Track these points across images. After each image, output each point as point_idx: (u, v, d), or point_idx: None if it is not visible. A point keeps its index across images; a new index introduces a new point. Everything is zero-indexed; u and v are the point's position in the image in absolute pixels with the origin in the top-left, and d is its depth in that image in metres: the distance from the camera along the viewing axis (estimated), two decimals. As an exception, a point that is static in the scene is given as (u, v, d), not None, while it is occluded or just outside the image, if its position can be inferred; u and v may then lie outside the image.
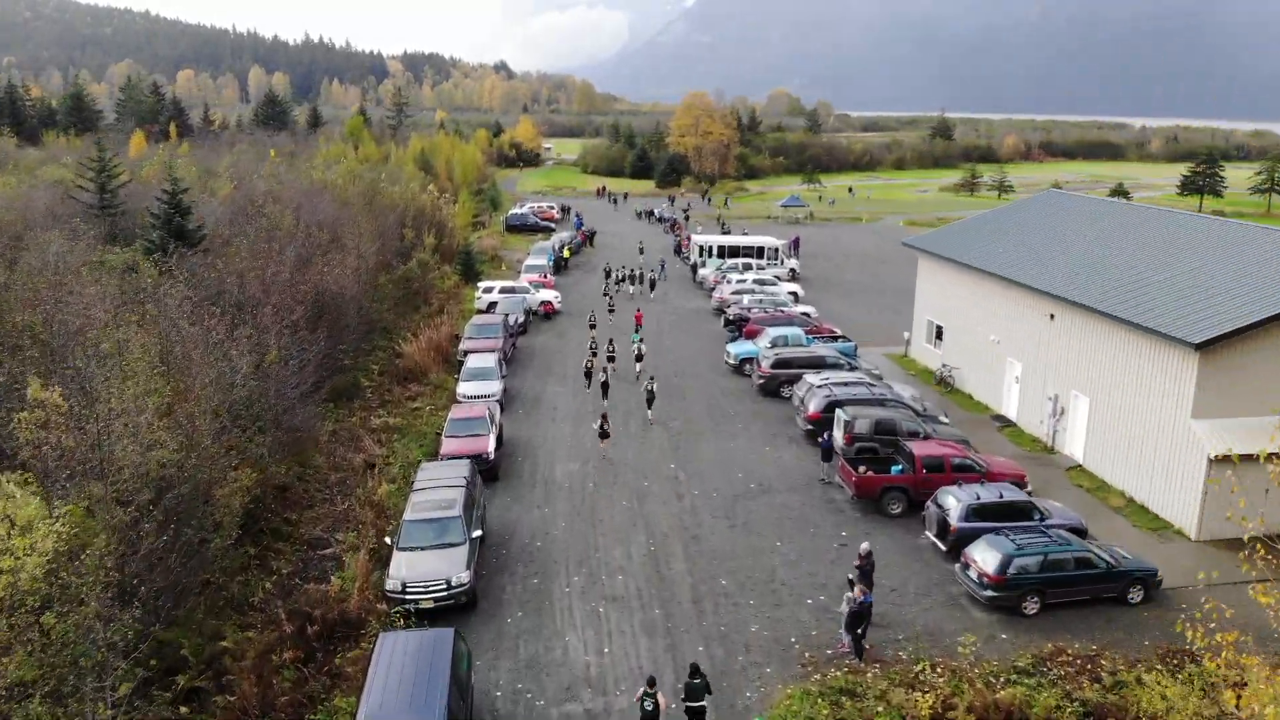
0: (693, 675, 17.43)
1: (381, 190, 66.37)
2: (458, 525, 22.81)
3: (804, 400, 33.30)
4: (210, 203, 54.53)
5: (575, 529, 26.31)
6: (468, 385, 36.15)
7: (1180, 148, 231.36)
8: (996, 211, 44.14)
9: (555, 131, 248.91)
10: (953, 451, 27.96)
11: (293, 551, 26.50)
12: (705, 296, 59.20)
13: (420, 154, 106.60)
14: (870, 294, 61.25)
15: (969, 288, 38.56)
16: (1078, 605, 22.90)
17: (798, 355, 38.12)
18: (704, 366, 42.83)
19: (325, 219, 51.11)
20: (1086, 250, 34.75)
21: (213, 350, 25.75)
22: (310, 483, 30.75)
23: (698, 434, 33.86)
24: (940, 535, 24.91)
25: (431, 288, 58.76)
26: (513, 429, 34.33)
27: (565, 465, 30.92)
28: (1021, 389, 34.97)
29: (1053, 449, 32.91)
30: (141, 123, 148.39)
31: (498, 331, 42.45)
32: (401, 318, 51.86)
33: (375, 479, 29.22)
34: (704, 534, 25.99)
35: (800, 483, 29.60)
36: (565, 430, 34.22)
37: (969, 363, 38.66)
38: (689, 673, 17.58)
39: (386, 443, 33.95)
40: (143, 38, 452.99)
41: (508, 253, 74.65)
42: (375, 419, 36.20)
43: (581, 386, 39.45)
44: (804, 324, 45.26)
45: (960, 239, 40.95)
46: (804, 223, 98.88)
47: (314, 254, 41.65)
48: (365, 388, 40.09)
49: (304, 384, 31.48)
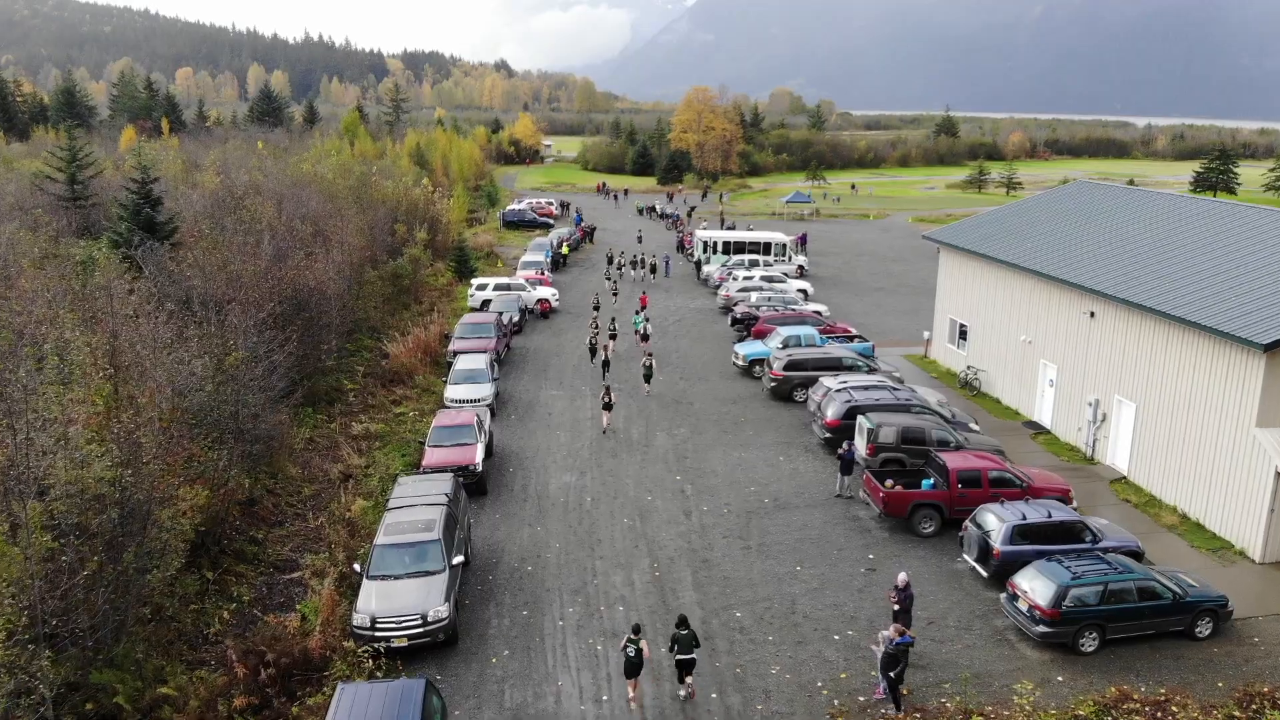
0: (680, 626, 17.45)
1: (373, 184, 63.61)
2: (436, 550, 20.05)
3: (821, 406, 30.52)
4: (189, 195, 51.81)
5: (571, 551, 23.54)
6: (456, 389, 33.41)
7: (1186, 145, 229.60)
8: (1022, 203, 41.36)
9: (556, 130, 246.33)
10: (990, 464, 25.18)
11: (257, 575, 23.81)
12: (709, 294, 56.47)
13: (415, 149, 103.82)
14: (884, 292, 58.46)
15: (997, 284, 35.79)
16: (1140, 641, 20.15)
17: (812, 357, 35.35)
18: (710, 368, 40.07)
19: (310, 213, 48.37)
20: (1129, 242, 31.96)
21: (163, 352, 22.97)
22: (281, 496, 28.06)
23: (705, 443, 31.09)
24: (981, 559, 22.14)
25: (423, 285, 56.04)
26: (504, 437, 31.58)
27: (561, 477, 28.16)
28: (1057, 393, 32.20)
29: (1093, 459, 30.14)
30: (134, 118, 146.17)
31: (490, 331, 39.70)
32: (391, 316, 49.17)
33: (349, 493, 26.47)
34: (715, 557, 23.22)
35: (819, 498, 26.81)
36: (561, 439, 31.46)
37: (997, 365, 35.89)
38: (676, 624, 17.65)
39: (367, 451, 31.26)
40: (141, 36, 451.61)
41: (504, 249, 71.94)
42: (357, 425, 33.48)
43: (578, 393, 36.73)
44: (817, 323, 42.50)
45: (985, 232, 38.17)
46: (809, 219, 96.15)
47: (293, 248, 38.89)
48: (348, 391, 37.38)
49: (274, 388, 28.77)
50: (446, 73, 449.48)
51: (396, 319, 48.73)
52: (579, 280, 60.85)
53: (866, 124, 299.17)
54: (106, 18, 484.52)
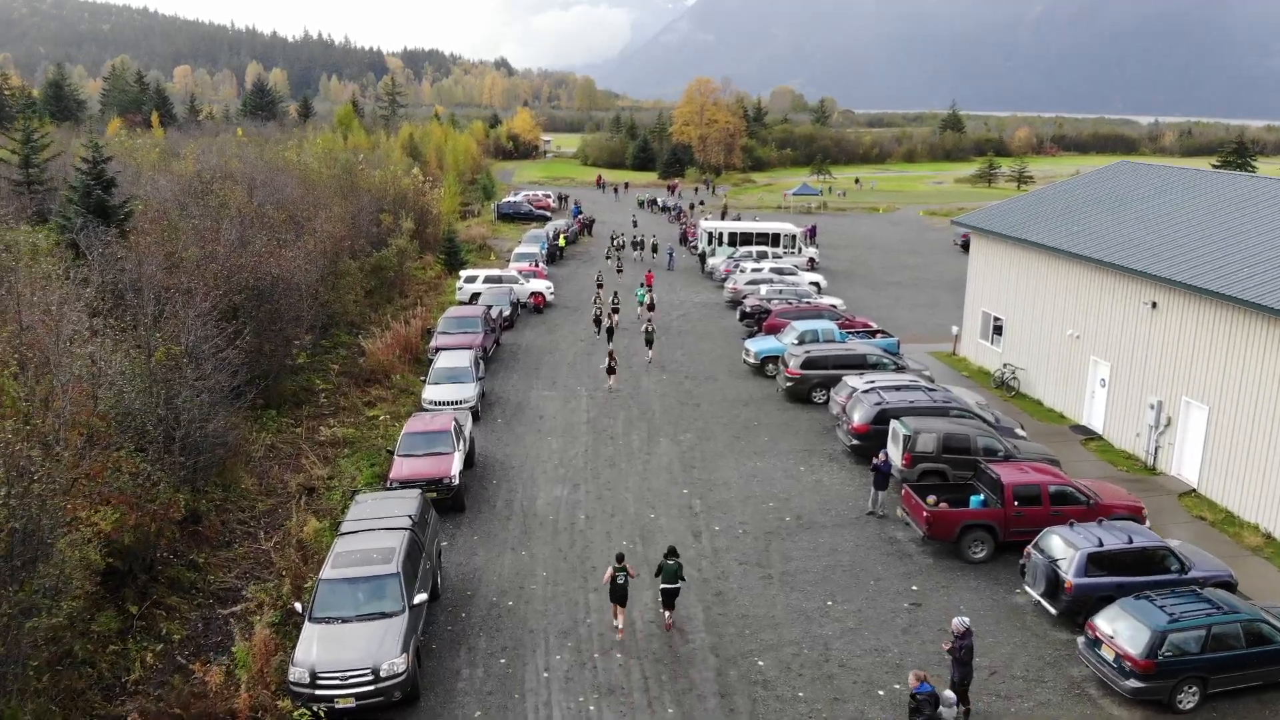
0: (668, 556, 17.86)
1: (359, 173, 60.05)
2: (394, 587, 16.49)
3: (846, 409, 26.92)
4: (158, 181, 48.21)
5: (560, 582, 19.96)
6: (436, 389, 29.84)
7: (1194, 142, 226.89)
8: (1059, 186, 37.74)
9: (555, 127, 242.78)
10: (1049, 477, 21.60)
11: (193, 608, 20.28)
12: (715, 288, 52.90)
13: (409, 140, 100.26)
14: (900, 286, 54.85)
15: (1039, 273, 32.21)
16: (1247, 694, 16.61)
17: (833, 353, 31.77)
18: (718, 367, 36.49)
19: (287, 199, 44.77)
20: (1194, 224, 28.36)
21: (72, 344, 19.42)
22: (232, 512, 24.55)
23: (715, 450, 27.49)
24: (1049, 594, 18.56)
25: (409, 278, 52.49)
26: (488, 443, 28.01)
27: (550, 491, 24.57)
28: (1110, 394, 28.62)
29: (1155, 469, 26.56)
30: (125, 112, 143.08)
31: (476, 325, 36.12)
32: (373, 310, 45.65)
33: (302, 511, 22.92)
34: (730, 589, 19.64)
35: (848, 515, 23.22)
36: (553, 445, 27.86)
37: (1038, 362, 32.30)
38: (665, 554, 18.03)
39: (334, 459, 27.73)
40: (140, 34, 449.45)
41: (498, 241, 68.34)
42: (326, 429, 29.95)
43: (572, 393, 33.18)
44: (834, 317, 38.92)
45: (1022, 216, 34.58)
46: (816, 212, 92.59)
47: (260, 235, 35.32)
48: (319, 391, 33.87)
49: (223, 388, 25.23)
50: (446, 71, 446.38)
51: (379, 313, 45.20)
52: (576, 273, 57.28)
53: (869, 122, 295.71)
54: (105, 15, 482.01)
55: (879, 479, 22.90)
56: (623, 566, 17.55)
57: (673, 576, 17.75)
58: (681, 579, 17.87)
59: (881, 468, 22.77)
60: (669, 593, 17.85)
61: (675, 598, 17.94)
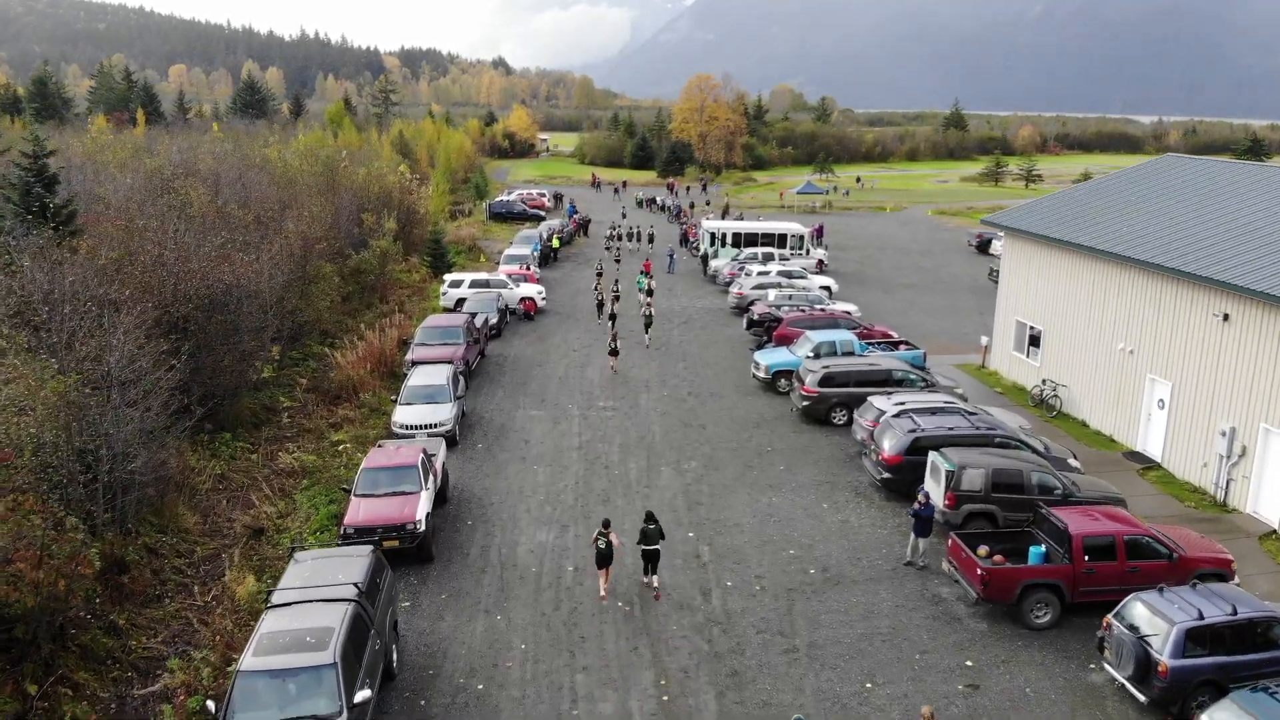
0: (648, 521, 18.44)
1: (342, 170, 56.65)
2: (330, 682, 13.12)
3: (875, 436, 23.54)
4: (120, 179, 44.79)
5: (541, 658, 16.59)
6: (407, 411, 26.44)
7: (1199, 140, 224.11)
8: (1099, 183, 34.33)
9: (553, 125, 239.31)
10: (1124, 525, 18.25)
11: (107, 683, 16.97)
12: (719, 292, 49.55)
13: (398, 138, 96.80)
14: (915, 290, 51.48)
15: (1084, 279, 28.84)
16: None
17: (854, 369, 28.38)
18: (724, 381, 33.13)
19: (255, 198, 41.37)
20: (1268, 227, 25.00)
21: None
22: (168, 558, 21.25)
23: (724, 482, 24.12)
24: (1138, 677, 15.19)
25: (392, 282, 49.12)
26: (464, 474, 24.64)
27: (534, 535, 21.19)
28: (1171, 418, 25.27)
29: (1227, 505, 23.22)
30: (111, 110, 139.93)
31: (457, 336, 32.72)
32: (351, 317, 42.35)
33: (241, 565, 19.59)
34: (748, 668, 16.25)
35: (883, 566, 19.85)
36: (539, 477, 24.47)
37: (1083, 379, 28.93)
38: (644, 519, 18.57)
39: (292, 491, 24.40)
40: (135, 32, 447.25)
41: (489, 243, 64.93)
42: (286, 456, 26.59)
43: (563, 413, 29.81)
44: (850, 326, 35.59)
45: (1062, 215, 31.22)
46: (821, 211, 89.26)
47: (216, 237, 31.95)
48: (283, 410, 30.51)
49: (158, 414, 21.92)
50: (444, 70, 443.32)
51: (357, 320, 41.89)
52: (570, 277, 53.90)
53: (869, 121, 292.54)
54: (101, 14, 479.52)
55: (920, 525, 19.55)
56: (605, 533, 18.16)
57: (653, 540, 18.46)
58: (662, 538, 18.61)
59: (922, 513, 19.40)
60: (650, 555, 18.58)
61: (657, 560, 18.70)
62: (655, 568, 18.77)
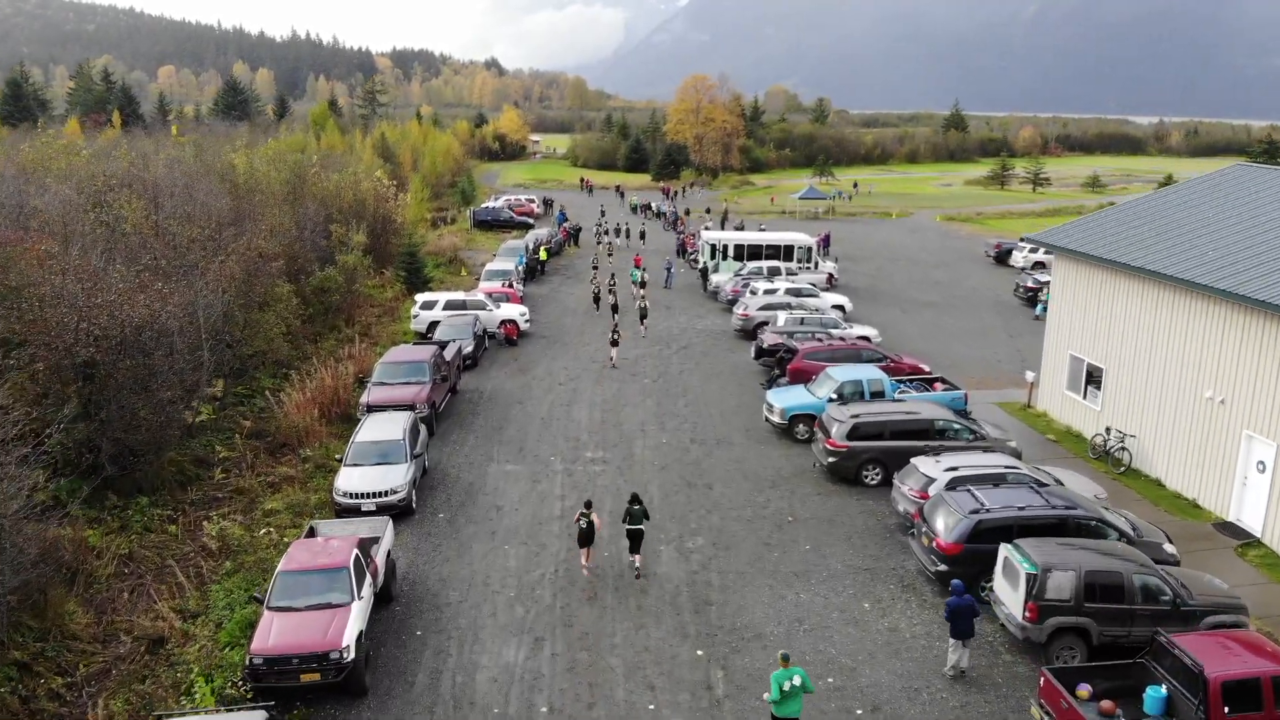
0: (633, 502, 19.32)
1: (311, 177, 52.07)
2: None
3: (927, 514, 19.08)
4: (59, 191, 40.07)
5: None
6: (353, 476, 21.87)
7: (1200, 141, 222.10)
8: (1163, 196, 29.82)
9: (546, 127, 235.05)
10: (1270, 662, 13.82)
11: None
12: (721, 310, 45.14)
13: (380, 140, 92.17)
14: (936, 308, 47.07)
15: (1159, 310, 24.45)
16: None
17: (888, 418, 23.92)
18: (732, 424, 28.67)
19: (205, 211, 36.69)
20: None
21: None
22: (44, 677, 16.90)
23: (737, 568, 19.64)
24: None
25: (360, 301, 44.59)
26: (418, 557, 20.13)
27: (499, 653, 16.65)
28: (1275, 484, 20.89)
29: (1357, 597, 18.84)
30: (88, 112, 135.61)
31: (423, 372, 28.15)
32: (313, 342, 37.88)
33: (105, 703, 15.09)
34: None
35: (949, 701, 15.38)
36: (510, 561, 19.95)
37: (1158, 430, 24.52)
38: (629, 500, 19.42)
39: (212, 578, 19.95)
40: (125, 34, 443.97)
41: (472, 254, 60.47)
42: (211, 526, 22.03)
43: (546, 468, 25.30)
44: (873, 357, 31.17)
45: (1125, 235, 26.81)
46: (824, 218, 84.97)
47: (137, 263, 27.45)
48: (219, 462, 26.02)
49: (35, 487, 17.52)
50: (436, 71, 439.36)
51: (319, 345, 37.40)
52: (559, 293, 49.42)
53: (864, 122, 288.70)
54: (90, 16, 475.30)
55: (958, 623, 15.27)
56: (588, 513, 18.97)
57: (637, 519, 19.13)
58: (646, 518, 19.34)
59: (958, 605, 15.04)
60: (634, 534, 19.15)
61: (640, 540, 19.20)
62: (639, 547, 19.26)
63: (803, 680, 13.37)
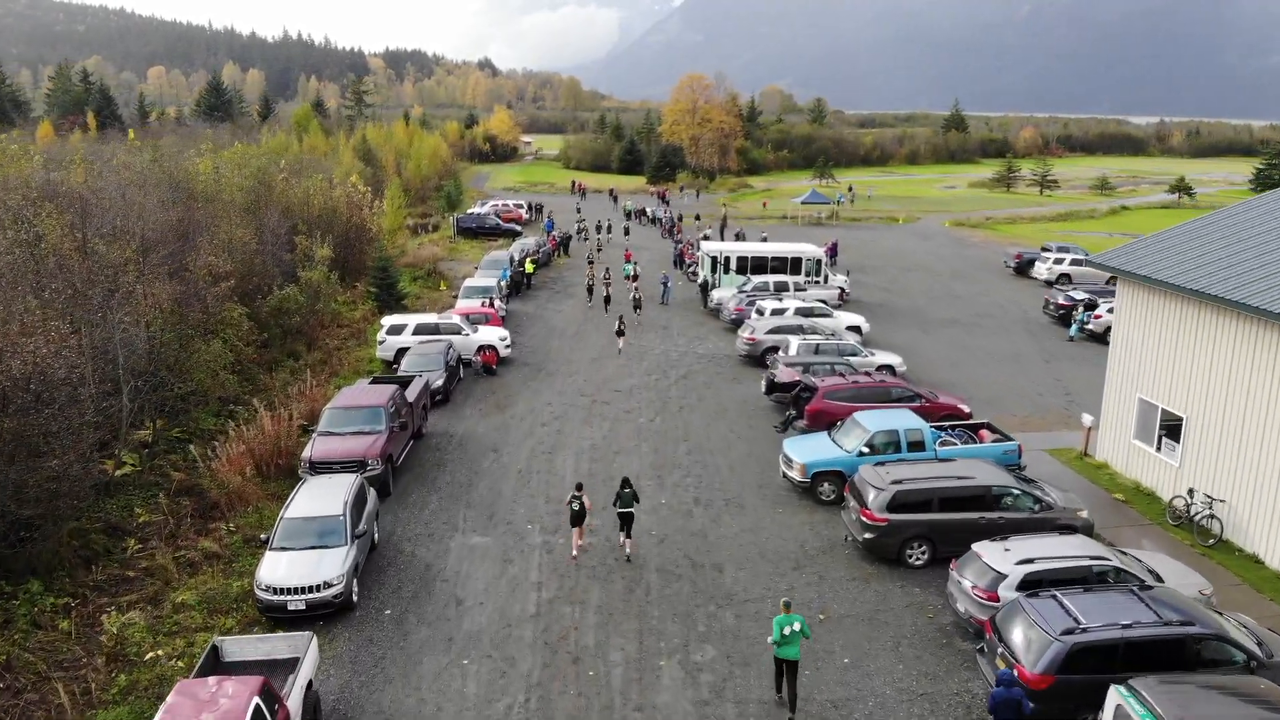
0: (624, 486, 19.79)
1: (280, 182, 47.81)
2: None
3: (1002, 628, 14.90)
4: None
5: None
6: (279, 564, 17.58)
7: (1203, 141, 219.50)
8: (1239, 216, 25.60)
9: (539, 127, 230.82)
10: None
11: None
12: (723, 330, 41.00)
13: (361, 142, 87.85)
14: (963, 327, 42.91)
15: (1258, 353, 20.32)
16: None
17: (936, 484, 19.71)
18: (744, 479, 24.47)
19: (139, 226, 32.31)
20: None
21: None
22: None
23: (760, 696, 15.42)
24: None
25: (328, 320, 40.39)
26: (351, 683, 15.85)
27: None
28: None
29: None
30: (66, 113, 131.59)
31: (378, 420, 23.81)
32: (270, 371, 33.69)
33: None
34: None
35: None
36: (468, 688, 15.67)
37: (1258, 497, 20.37)
38: (620, 484, 19.88)
39: (105, 688, 15.81)
40: (115, 34, 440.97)
41: (454, 264, 56.25)
42: (110, 620, 17.73)
43: (522, 541, 21.04)
44: (903, 395, 26.99)
45: (1208, 257, 22.68)
46: (828, 223, 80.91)
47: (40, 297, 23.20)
48: (138, 529, 21.83)
49: None
50: (429, 71, 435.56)
51: (274, 376, 33.17)
52: (545, 310, 45.18)
53: (860, 122, 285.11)
54: (80, 16, 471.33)
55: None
56: (579, 495, 19.73)
57: (628, 502, 19.72)
58: (636, 501, 19.89)
59: (1006, 700, 10.92)
60: (625, 516, 19.73)
61: (631, 522, 19.79)
62: (630, 529, 19.79)
63: (802, 626, 14.47)
